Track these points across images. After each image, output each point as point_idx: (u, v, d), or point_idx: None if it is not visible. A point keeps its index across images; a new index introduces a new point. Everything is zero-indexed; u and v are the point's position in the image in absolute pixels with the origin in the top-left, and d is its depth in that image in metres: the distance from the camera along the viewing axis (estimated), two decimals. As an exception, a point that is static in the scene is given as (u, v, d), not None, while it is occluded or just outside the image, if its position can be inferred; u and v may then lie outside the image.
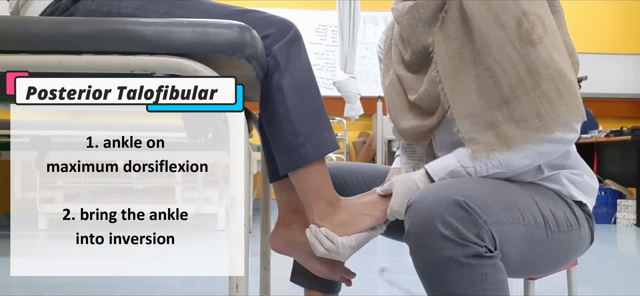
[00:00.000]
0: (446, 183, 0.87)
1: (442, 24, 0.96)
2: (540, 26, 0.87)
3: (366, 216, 0.99)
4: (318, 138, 0.97)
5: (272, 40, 0.96)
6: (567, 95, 0.87)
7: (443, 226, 0.79)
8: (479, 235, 0.79)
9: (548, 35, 0.88)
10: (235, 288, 0.82)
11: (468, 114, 0.93)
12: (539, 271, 0.99)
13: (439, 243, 0.79)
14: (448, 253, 0.79)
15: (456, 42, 0.94)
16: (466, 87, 0.93)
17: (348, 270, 1.14)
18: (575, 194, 0.99)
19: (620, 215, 4.39)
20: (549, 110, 0.87)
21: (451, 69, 0.94)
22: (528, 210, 0.89)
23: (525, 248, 0.88)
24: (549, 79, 0.86)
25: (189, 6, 0.99)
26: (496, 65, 0.89)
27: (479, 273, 0.79)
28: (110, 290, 2.05)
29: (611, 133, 4.57)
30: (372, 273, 2.35)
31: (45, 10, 1.00)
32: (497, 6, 0.89)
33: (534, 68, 0.87)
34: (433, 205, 0.81)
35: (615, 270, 2.60)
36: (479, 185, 0.87)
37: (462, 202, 0.80)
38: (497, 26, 0.88)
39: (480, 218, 0.80)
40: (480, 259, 0.79)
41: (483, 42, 0.90)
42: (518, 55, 0.87)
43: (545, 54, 0.87)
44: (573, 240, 0.97)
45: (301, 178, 0.98)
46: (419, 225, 0.81)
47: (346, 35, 4.13)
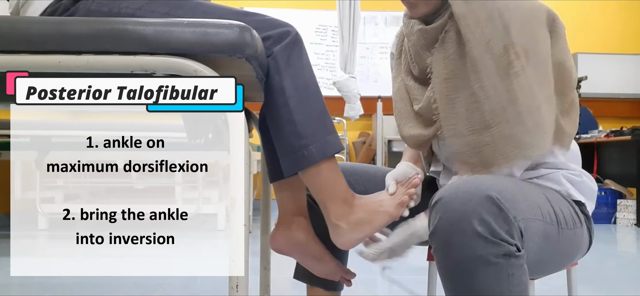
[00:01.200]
0: (473, 179, 0.86)
1: (441, 44, 0.98)
2: (523, 57, 0.90)
3: (381, 213, 0.99)
4: (321, 140, 0.97)
5: (273, 41, 0.96)
6: (541, 129, 0.91)
7: (478, 223, 0.77)
8: (510, 232, 0.78)
9: (531, 67, 0.90)
10: (235, 288, 0.82)
11: (456, 134, 0.96)
12: (548, 270, 0.99)
13: (471, 240, 0.77)
14: (480, 251, 0.77)
15: (453, 63, 0.96)
16: (457, 108, 0.95)
17: (348, 270, 1.14)
18: (573, 194, 0.99)
19: (620, 215, 4.39)
20: (527, 141, 0.90)
21: (446, 88, 0.97)
22: (544, 207, 0.89)
23: (542, 245, 0.88)
24: (528, 111, 0.90)
25: (189, 7, 0.99)
26: (481, 92, 0.92)
27: (506, 273, 0.78)
28: (110, 290, 2.05)
29: (611, 133, 4.57)
30: (373, 273, 2.35)
31: (45, 10, 1.00)
32: (490, 33, 0.91)
33: (516, 98, 0.90)
34: (465, 201, 0.79)
35: (615, 270, 2.61)
36: (503, 182, 0.87)
37: (495, 197, 0.79)
38: (488, 53, 0.91)
39: (510, 213, 0.79)
40: (509, 259, 0.78)
41: (473, 67, 0.92)
42: (502, 85, 0.90)
43: (526, 86, 0.90)
44: (578, 238, 0.98)
45: (313, 179, 0.99)
46: (450, 222, 0.79)
47: (346, 35, 4.13)
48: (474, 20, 0.92)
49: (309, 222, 1.11)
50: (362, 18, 4.53)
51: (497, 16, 0.91)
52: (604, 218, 4.45)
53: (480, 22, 0.91)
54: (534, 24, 0.92)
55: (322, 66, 5.60)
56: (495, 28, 0.91)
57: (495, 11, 0.91)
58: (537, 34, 0.92)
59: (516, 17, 0.91)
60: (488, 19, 0.91)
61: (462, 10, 0.93)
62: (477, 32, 0.92)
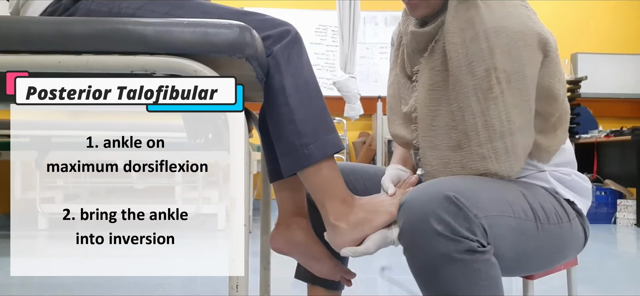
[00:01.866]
0: (436, 181, 0.88)
1: (430, 53, 0.99)
2: (505, 82, 0.90)
3: (382, 213, 0.98)
4: (322, 139, 0.97)
5: (273, 41, 0.96)
6: (511, 153, 0.91)
7: (436, 222, 0.79)
8: (471, 229, 0.80)
9: (511, 92, 0.90)
10: (235, 288, 0.82)
11: (432, 147, 0.97)
12: (535, 268, 0.99)
13: (432, 239, 0.80)
14: (441, 249, 0.79)
15: (439, 75, 0.97)
16: (437, 121, 0.97)
17: (348, 270, 1.14)
18: (561, 191, 0.99)
19: (620, 215, 4.39)
20: (495, 165, 0.91)
21: (429, 99, 0.98)
22: (517, 203, 0.90)
23: (517, 241, 0.89)
24: (501, 137, 0.90)
25: (189, 7, 0.99)
26: (458, 111, 0.93)
27: (472, 268, 0.80)
28: (110, 290, 2.05)
29: (611, 133, 4.57)
30: (373, 273, 2.35)
31: (45, 10, 1.00)
32: (474, 55, 0.91)
33: (491, 124, 0.90)
34: (424, 202, 0.81)
35: (615, 270, 2.60)
36: (469, 181, 0.89)
37: (452, 196, 0.80)
38: (469, 74, 0.91)
39: (470, 212, 0.80)
40: (473, 254, 0.79)
41: (453, 86, 0.93)
42: (479, 108, 0.91)
43: (503, 112, 0.90)
44: (565, 233, 0.97)
45: (311, 178, 0.98)
46: (412, 223, 0.82)
47: (346, 35, 4.13)
48: (460, 39, 0.92)
49: (309, 222, 1.11)
50: (362, 18, 4.53)
51: (483, 38, 0.90)
52: (604, 218, 4.45)
53: (466, 42, 0.91)
54: (522, 48, 0.90)
55: (322, 66, 5.60)
56: (480, 50, 0.90)
57: (482, 33, 0.90)
58: (524, 59, 0.91)
59: (503, 41, 0.89)
60: (474, 40, 0.90)
61: (450, 27, 0.93)
62: (461, 52, 0.91)
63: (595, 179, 4.65)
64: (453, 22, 0.93)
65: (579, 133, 4.80)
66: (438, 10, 0.98)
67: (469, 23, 0.91)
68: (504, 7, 0.92)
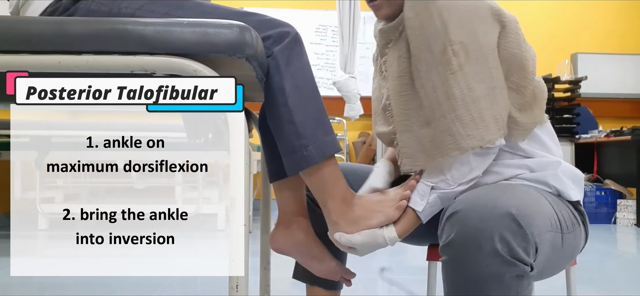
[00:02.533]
0: (490, 192, 0.85)
1: (395, 42, 1.01)
2: (462, 55, 0.92)
3: (377, 213, 0.99)
4: (321, 140, 0.97)
5: (274, 41, 0.96)
6: (478, 121, 0.91)
7: (498, 241, 0.76)
8: (527, 250, 0.78)
9: (469, 63, 0.92)
10: (235, 288, 0.82)
11: (407, 130, 0.99)
12: (549, 275, 0.99)
13: (488, 258, 0.77)
14: (495, 269, 0.77)
15: (405, 61, 0.99)
16: (409, 104, 0.98)
17: (348, 270, 1.14)
18: (571, 195, 0.98)
19: (620, 215, 4.39)
20: (462, 133, 0.91)
21: (399, 85, 1.00)
22: (552, 215, 0.89)
23: (549, 254, 0.88)
24: (464, 105, 0.91)
25: (189, 7, 0.99)
26: (421, 89, 0.95)
27: (516, 291, 0.78)
28: (110, 290, 2.05)
29: (611, 133, 4.57)
30: (373, 273, 2.35)
31: (45, 10, 1.00)
32: (430, 34, 0.94)
33: (451, 93, 0.91)
34: (483, 216, 0.78)
35: (615, 270, 2.60)
36: (517, 194, 0.86)
37: (514, 213, 0.78)
38: (427, 51, 0.94)
39: (528, 230, 0.78)
40: (522, 280, 0.78)
41: (415, 66, 0.96)
42: (439, 81, 0.93)
43: (462, 82, 0.91)
44: (577, 239, 0.98)
45: (313, 178, 0.99)
46: (468, 236, 0.78)
47: (346, 35, 4.13)
48: (418, 21, 0.95)
49: (309, 222, 1.11)
50: (362, 18, 4.52)
51: (437, 16, 0.93)
52: (604, 218, 4.45)
53: (423, 23, 0.94)
54: (475, 20, 0.93)
55: (322, 66, 5.60)
56: (435, 28, 0.93)
57: (435, 11, 0.93)
58: (478, 30, 0.93)
59: (455, 15, 0.92)
60: (428, 19, 0.93)
61: (408, 13, 0.97)
62: (419, 33, 0.95)
63: (595, 179, 4.65)
64: (411, 9, 0.96)
65: (579, 133, 4.80)
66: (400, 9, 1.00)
67: (424, 6, 0.94)
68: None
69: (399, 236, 0.98)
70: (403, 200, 0.98)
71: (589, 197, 4.43)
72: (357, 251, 1.02)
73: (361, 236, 0.98)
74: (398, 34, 1.01)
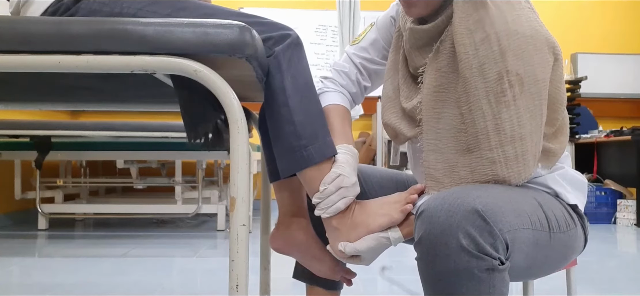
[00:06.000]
0: (459, 190, 0.85)
1: (435, 53, 0.96)
2: (518, 87, 0.88)
3: (380, 216, 0.97)
4: (321, 141, 0.97)
5: (274, 42, 0.96)
6: (520, 158, 0.89)
7: (463, 236, 0.77)
8: (494, 245, 0.78)
9: (524, 96, 0.89)
10: (235, 288, 0.82)
11: (436, 150, 0.95)
12: (541, 274, 0.99)
13: (455, 254, 0.77)
14: (463, 264, 0.77)
15: (445, 77, 0.95)
16: (442, 123, 0.95)
17: (349, 270, 1.14)
18: (569, 198, 0.98)
19: (620, 215, 4.39)
20: (503, 168, 0.89)
21: (434, 101, 0.95)
22: (534, 214, 0.88)
23: (531, 252, 0.87)
24: (511, 142, 0.89)
25: (191, 8, 0.99)
26: (469, 114, 0.91)
27: (488, 285, 0.78)
28: (110, 290, 2.05)
29: (611, 133, 4.57)
30: (373, 273, 2.35)
31: (46, 10, 1.00)
32: (485, 57, 0.89)
33: (502, 128, 0.88)
34: (450, 213, 0.79)
35: (615, 270, 2.60)
36: (491, 191, 0.86)
37: (480, 210, 0.78)
38: (480, 76, 0.89)
39: (496, 226, 0.78)
40: (493, 273, 0.78)
41: (464, 88, 0.91)
42: (490, 111, 0.89)
43: (514, 117, 0.88)
44: (572, 239, 0.97)
45: (311, 180, 0.98)
46: (435, 234, 0.79)
47: (346, 35, 4.12)
48: (470, 40, 0.90)
49: (309, 222, 1.11)
50: (362, 18, 4.52)
51: (494, 40, 0.88)
52: (604, 218, 4.45)
53: (476, 44, 0.89)
54: (533, 52, 0.90)
55: (322, 66, 5.60)
56: (491, 52, 0.88)
57: (493, 35, 0.88)
58: (535, 62, 0.90)
59: (514, 43, 0.88)
60: (484, 41, 0.89)
61: (459, 28, 0.91)
62: (472, 54, 0.89)
63: (595, 179, 4.66)
64: (461, 22, 0.91)
65: (579, 133, 4.80)
66: (436, 9, 0.97)
67: (479, 24, 0.90)
68: (513, 10, 0.91)
69: (404, 237, 0.97)
70: (409, 204, 0.97)
71: (589, 197, 4.43)
72: (363, 260, 1.00)
73: (366, 241, 0.96)
74: (439, 43, 0.96)
